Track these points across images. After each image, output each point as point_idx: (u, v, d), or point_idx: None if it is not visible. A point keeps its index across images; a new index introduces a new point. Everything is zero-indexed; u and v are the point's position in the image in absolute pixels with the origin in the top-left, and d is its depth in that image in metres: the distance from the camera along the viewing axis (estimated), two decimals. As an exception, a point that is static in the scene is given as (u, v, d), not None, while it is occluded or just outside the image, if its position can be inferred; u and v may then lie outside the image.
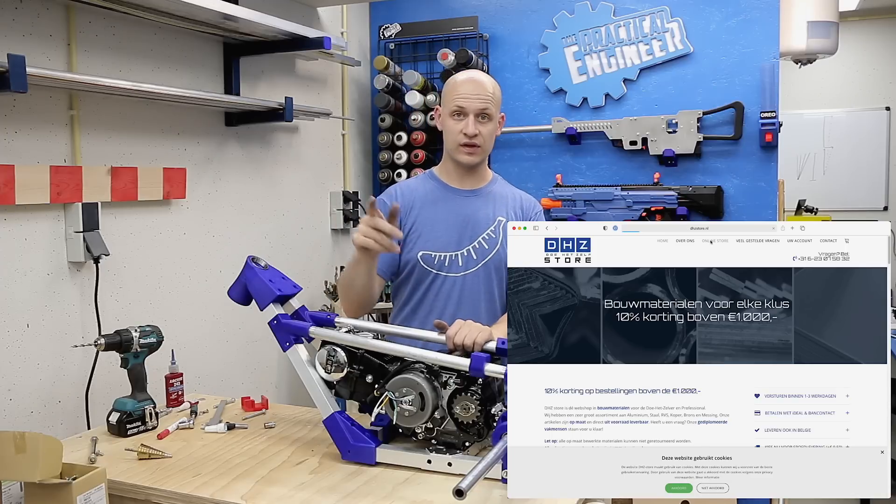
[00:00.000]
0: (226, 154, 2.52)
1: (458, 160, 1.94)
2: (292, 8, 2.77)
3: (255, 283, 1.66)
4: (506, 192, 2.02)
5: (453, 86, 1.92)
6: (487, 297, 1.94)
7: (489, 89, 1.90)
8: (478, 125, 1.88)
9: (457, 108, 1.88)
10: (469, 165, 1.94)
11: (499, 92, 1.95)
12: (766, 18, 2.74)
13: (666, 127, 2.83)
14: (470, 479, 1.17)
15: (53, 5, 1.91)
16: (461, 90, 1.89)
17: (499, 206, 1.97)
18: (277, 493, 1.39)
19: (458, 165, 1.96)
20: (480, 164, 1.98)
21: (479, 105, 1.87)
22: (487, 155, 1.98)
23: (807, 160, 5.33)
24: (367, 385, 1.57)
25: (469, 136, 1.88)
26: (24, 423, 1.82)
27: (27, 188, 1.81)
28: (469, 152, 1.91)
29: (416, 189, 1.99)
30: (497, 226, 1.95)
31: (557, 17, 3.00)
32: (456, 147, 1.92)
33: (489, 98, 1.89)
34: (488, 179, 2.03)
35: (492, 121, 1.91)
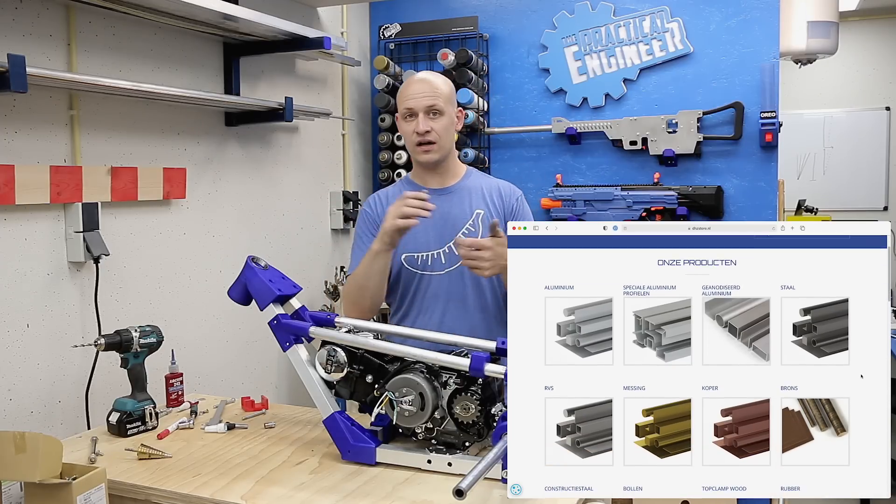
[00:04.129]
0: (226, 154, 2.52)
1: (418, 160, 1.96)
2: (292, 8, 2.77)
3: (255, 283, 1.66)
4: (481, 184, 2.02)
5: (403, 89, 1.95)
6: (475, 291, 1.95)
7: (436, 86, 1.91)
8: (428, 122, 1.89)
9: (406, 109, 1.91)
10: (429, 163, 1.96)
11: (449, 88, 1.95)
12: (766, 18, 2.74)
13: (666, 127, 2.83)
14: (470, 479, 1.17)
15: (53, 5, 1.91)
16: (408, 92, 1.92)
17: (475, 200, 1.98)
18: (277, 493, 1.39)
19: (424, 166, 1.98)
20: (444, 161, 1.98)
21: (426, 102, 1.89)
22: (448, 151, 1.98)
23: (807, 160, 5.33)
24: (367, 385, 1.57)
25: (420, 133, 1.90)
26: (24, 423, 1.82)
27: (27, 188, 1.81)
28: (425, 150, 1.92)
29: (393, 195, 2.02)
30: (476, 219, 1.96)
31: (557, 17, 3.00)
32: (413, 148, 1.94)
33: (437, 94, 1.90)
34: (461, 175, 2.03)
35: (443, 115, 1.91)
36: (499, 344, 1.53)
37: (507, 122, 3.10)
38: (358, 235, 2.01)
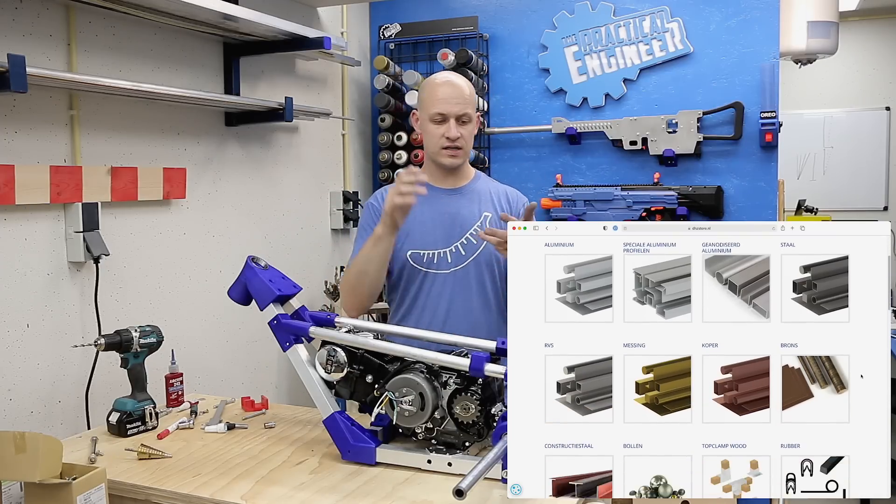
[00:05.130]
0: (226, 154, 2.52)
1: (441, 163, 1.98)
2: (292, 8, 2.77)
3: (255, 283, 1.66)
4: (490, 188, 2.05)
5: (431, 90, 1.95)
6: (480, 292, 1.96)
7: (466, 92, 1.94)
8: (459, 128, 1.92)
9: (437, 114, 1.92)
10: (452, 167, 1.99)
11: (474, 92, 1.99)
12: (766, 18, 2.74)
13: (666, 127, 2.83)
14: (470, 479, 1.17)
15: (53, 5, 1.91)
16: (440, 94, 1.92)
17: (484, 202, 2.00)
18: (277, 493, 1.39)
19: (441, 167, 1.99)
20: (462, 164, 2.02)
21: (458, 109, 1.91)
22: (469, 155, 2.03)
23: (807, 160, 5.33)
24: (367, 385, 1.57)
25: (452, 139, 1.92)
26: (24, 423, 1.82)
27: (27, 188, 1.81)
28: (452, 154, 1.95)
29: None
30: (484, 220, 1.97)
31: (557, 17, 2.99)
32: (438, 150, 1.95)
33: (467, 101, 1.93)
34: (471, 177, 2.06)
35: (471, 122, 1.96)
36: (499, 344, 1.53)
37: (507, 122, 3.10)
38: (361, 227, 2.02)
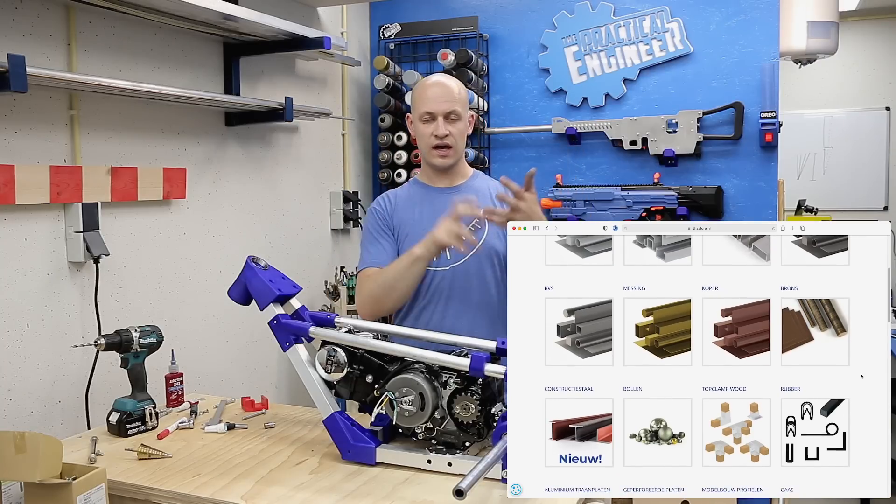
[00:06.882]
0: (226, 154, 2.52)
1: (432, 163, 2.00)
2: (292, 8, 2.77)
3: (255, 283, 1.66)
4: (488, 185, 2.07)
5: (421, 91, 1.98)
6: (480, 286, 1.98)
7: (455, 91, 1.96)
8: (447, 126, 1.94)
9: (425, 112, 1.95)
10: (443, 167, 2.00)
11: (465, 92, 2.01)
12: (766, 18, 2.74)
13: (666, 127, 2.83)
14: (470, 479, 1.17)
15: (53, 5, 1.91)
16: (428, 94, 1.96)
17: (482, 199, 2.00)
18: (277, 493, 1.39)
19: (435, 167, 2.01)
20: (456, 163, 2.03)
21: (446, 107, 1.94)
22: (461, 155, 2.04)
23: (807, 160, 5.32)
24: (367, 385, 1.57)
25: (440, 136, 1.94)
26: (24, 423, 1.82)
27: (27, 188, 1.81)
28: (442, 154, 1.97)
29: (402, 196, 2.07)
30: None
31: (557, 17, 2.99)
32: (429, 150, 1.98)
33: (455, 99, 1.95)
34: (468, 176, 2.08)
35: (460, 120, 1.97)
36: (499, 344, 1.53)
37: (507, 122, 3.10)
38: (368, 231, 2.04)
